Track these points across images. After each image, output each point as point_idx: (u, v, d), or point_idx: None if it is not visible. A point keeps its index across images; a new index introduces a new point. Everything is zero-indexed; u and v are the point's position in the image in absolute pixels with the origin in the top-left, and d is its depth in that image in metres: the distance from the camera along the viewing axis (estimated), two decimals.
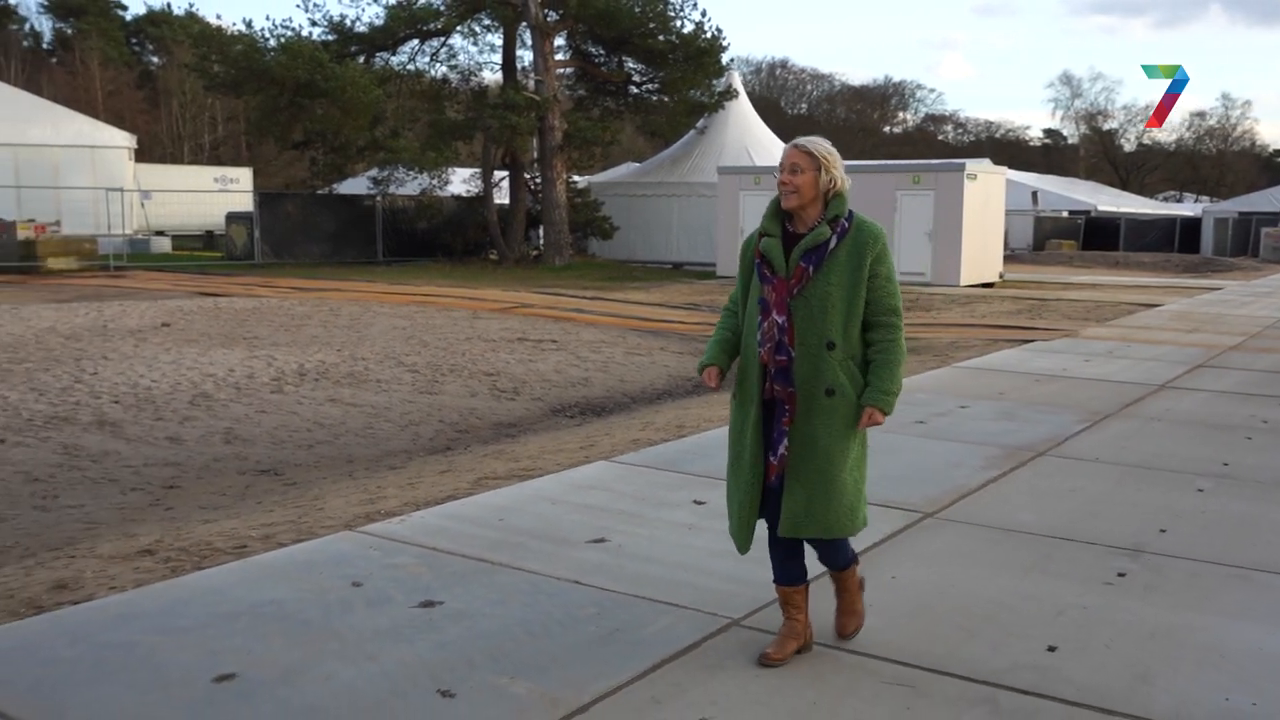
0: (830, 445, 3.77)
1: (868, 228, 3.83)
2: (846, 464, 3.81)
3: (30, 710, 3.45)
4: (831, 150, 3.85)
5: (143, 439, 8.90)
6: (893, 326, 3.84)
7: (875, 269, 3.78)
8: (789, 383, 3.78)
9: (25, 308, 17.57)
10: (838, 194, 3.82)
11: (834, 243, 3.77)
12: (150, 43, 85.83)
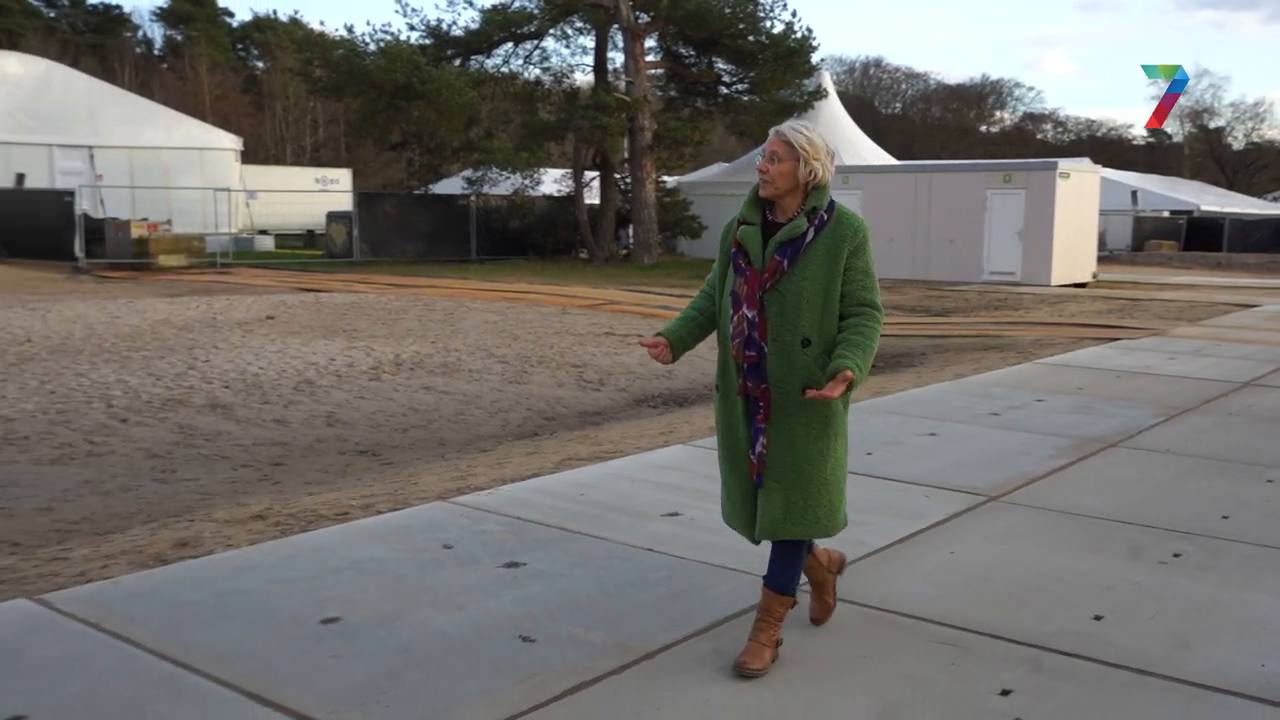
0: (809, 443, 3.68)
1: (847, 220, 3.70)
2: (828, 463, 3.71)
3: (162, 643, 3.90)
4: (814, 141, 3.69)
5: (251, 421, 9.48)
6: (869, 316, 3.67)
7: (851, 262, 3.65)
8: (761, 379, 3.67)
9: (141, 301, 18.53)
10: (818, 186, 3.69)
11: (811, 235, 3.65)
12: (255, 48, 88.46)
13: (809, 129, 3.72)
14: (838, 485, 3.78)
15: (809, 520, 3.73)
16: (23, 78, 33.61)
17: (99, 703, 3.43)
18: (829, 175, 3.70)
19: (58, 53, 64.89)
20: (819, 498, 3.72)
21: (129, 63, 76.34)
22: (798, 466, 3.69)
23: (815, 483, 3.70)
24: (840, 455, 3.78)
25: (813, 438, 3.68)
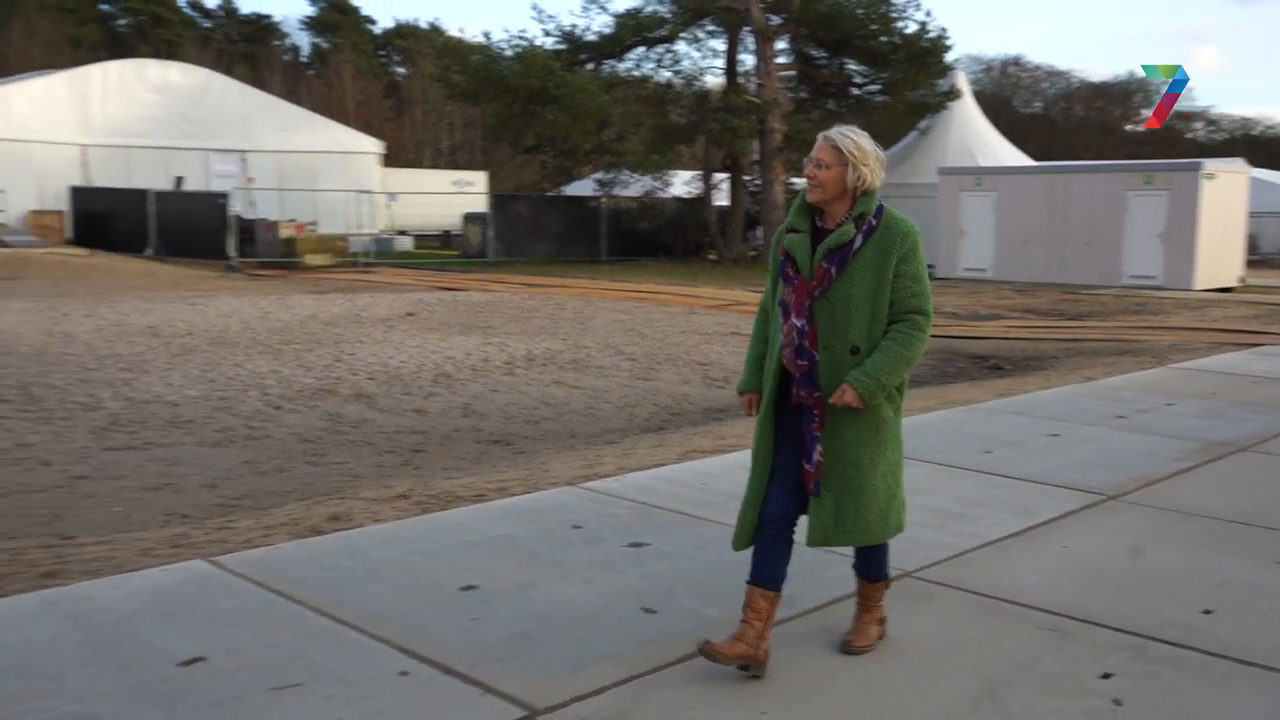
0: (860, 451, 3.67)
1: (897, 226, 3.66)
2: (878, 470, 3.71)
3: (321, 601, 4.31)
4: (862, 146, 3.65)
5: (393, 410, 10.03)
6: (913, 324, 3.64)
7: (900, 268, 3.62)
8: (814, 387, 3.65)
9: (290, 298, 19.52)
10: (866, 191, 3.65)
11: (859, 242, 3.62)
12: (397, 54, 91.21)
13: (857, 133, 3.68)
14: (889, 492, 3.76)
15: (860, 527, 3.72)
16: (182, 86, 35.50)
17: (268, 649, 3.85)
18: (878, 181, 3.67)
19: (213, 61, 68.10)
20: (870, 504, 3.70)
21: (278, 70, 79.54)
22: (848, 474, 3.68)
23: (866, 490, 3.69)
24: (892, 461, 3.77)
25: (863, 444, 3.67)
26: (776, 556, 3.74)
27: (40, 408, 9.71)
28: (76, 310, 16.81)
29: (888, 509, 3.77)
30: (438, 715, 3.40)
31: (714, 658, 3.62)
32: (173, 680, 3.60)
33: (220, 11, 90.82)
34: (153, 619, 4.10)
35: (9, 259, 25.37)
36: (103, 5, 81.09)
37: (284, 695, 3.52)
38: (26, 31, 66.58)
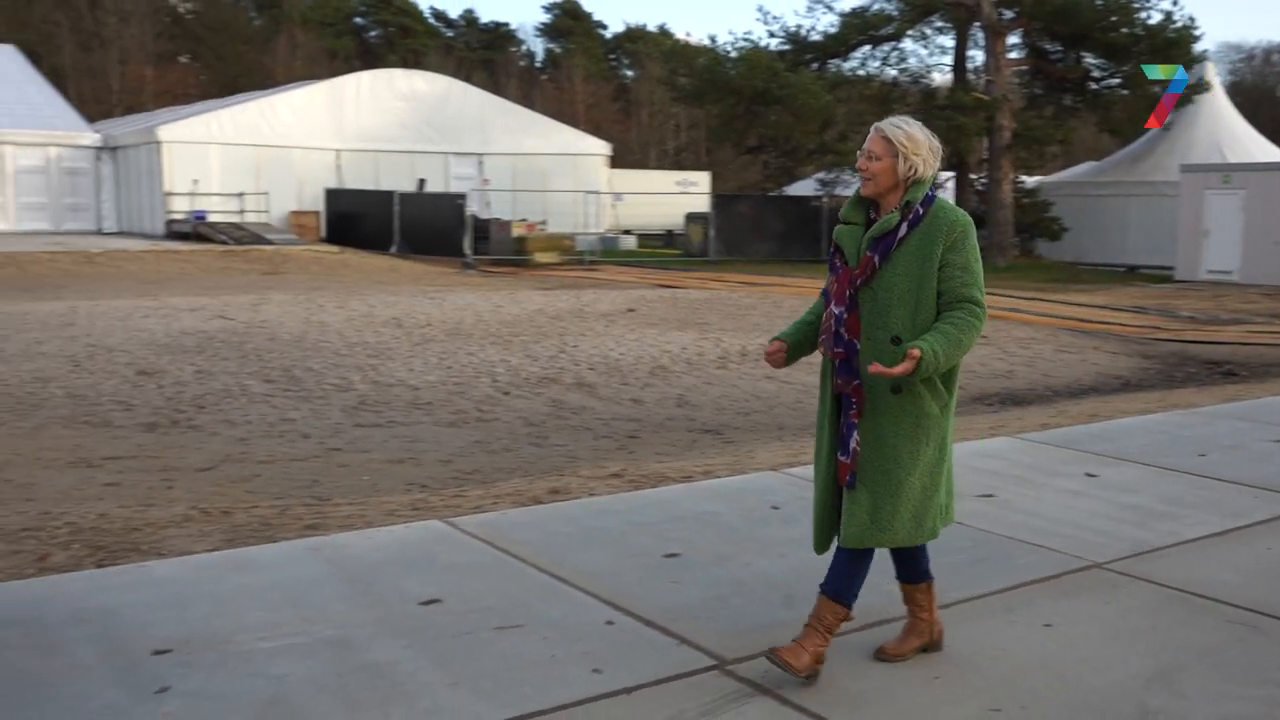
0: (898, 446, 3.56)
1: (944, 214, 3.57)
2: (916, 467, 3.59)
3: (540, 559, 4.82)
4: (914, 136, 3.56)
5: (611, 399, 10.61)
6: (968, 311, 3.52)
7: (948, 257, 3.52)
8: (851, 376, 3.58)
9: (519, 293, 20.60)
10: (917, 180, 3.57)
11: (903, 231, 3.54)
12: (626, 58, 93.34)
13: (909, 123, 3.60)
14: (925, 493, 3.64)
15: (895, 528, 3.61)
16: (426, 94, 37.69)
17: (494, 596, 4.37)
18: (930, 171, 3.59)
19: (454, 69, 71.66)
20: (905, 504, 3.60)
21: (514, 75, 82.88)
22: (885, 469, 3.58)
23: (904, 487, 3.58)
24: (931, 460, 3.63)
25: (901, 439, 3.56)
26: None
27: (300, 388, 10.79)
28: (330, 302, 18.32)
29: (923, 511, 3.65)
30: (637, 658, 3.82)
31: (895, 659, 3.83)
32: (414, 616, 4.16)
33: (462, 21, 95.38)
34: (397, 566, 4.70)
35: (272, 256, 27.71)
36: (357, 19, 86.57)
37: (507, 633, 4.01)
38: (290, 45, 71.87)
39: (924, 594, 3.91)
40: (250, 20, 79.73)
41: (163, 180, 32.25)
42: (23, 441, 8.27)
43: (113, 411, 9.56)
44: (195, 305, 17.37)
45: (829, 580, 3.75)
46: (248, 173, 33.54)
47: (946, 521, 3.80)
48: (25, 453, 7.88)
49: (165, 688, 3.53)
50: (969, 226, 3.57)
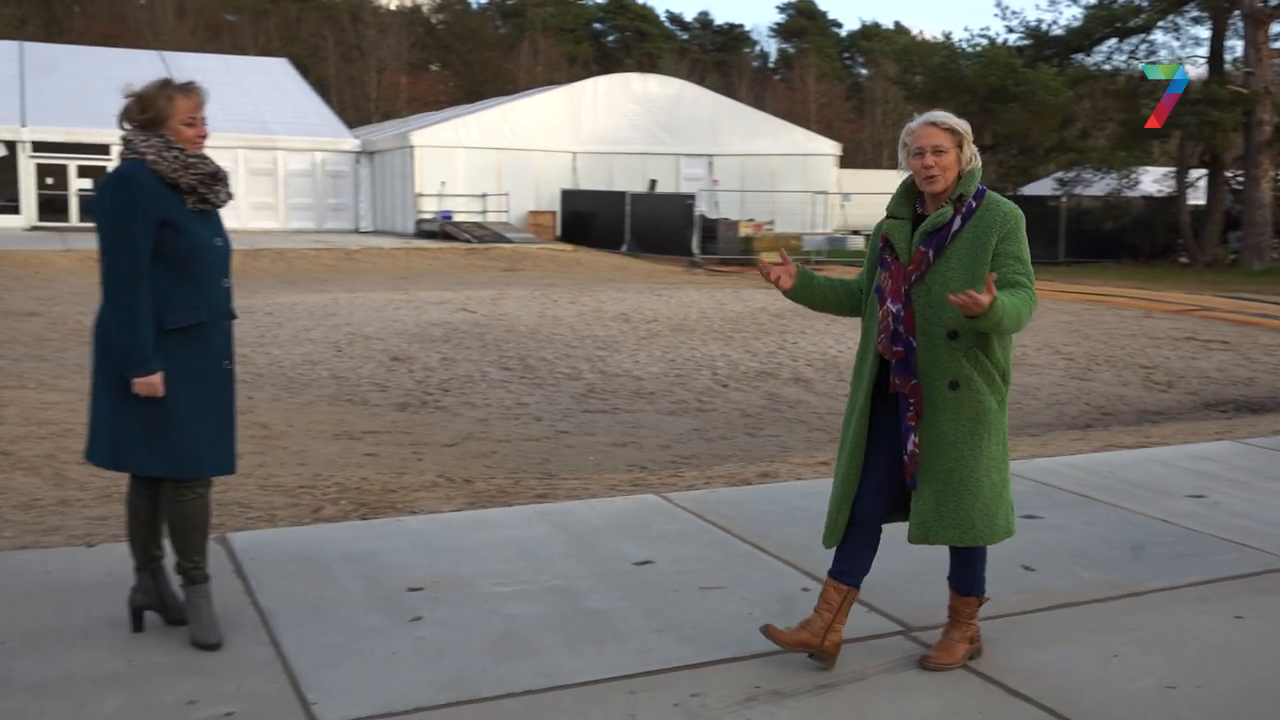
0: (959, 442, 3.50)
1: (997, 207, 3.51)
2: (980, 463, 3.52)
3: (745, 532, 5.22)
4: (966, 125, 3.56)
5: (827, 394, 10.90)
6: (1023, 287, 3.44)
7: (1001, 248, 3.46)
8: (910, 374, 3.50)
9: (743, 291, 21.04)
10: (970, 172, 3.53)
11: (957, 224, 3.50)
12: (860, 56, 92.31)
13: (945, 119, 3.56)
14: (994, 488, 3.56)
15: (963, 525, 3.55)
16: (659, 97, 38.67)
17: (700, 561, 4.80)
18: (979, 162, 3.59)
19: (688, 71, 72.87)
20: (973, 501, 3.53)
21: (746, 76, 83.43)
22: (948, 467, 3.51)
23: (968, 484, 3.51)
24: (996, 455, 3.57)
25: (963, 435, 3.50)
26: (859, 552, 3.71)
27: (534, 376, 11.58)
28: (563, 298, 19.29)
29: (994, 507, 3.57)
30: None
31: (773, 640, 3.68)
32: (628, 574, 4.64)
33: (696, 23, 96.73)
34: (615, 531, 5.20)
35: (511, 254, 29.22)
36: (595, 24, 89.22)
37: (710, 593, 4.44)
38: (532, 51, 74.88)
39: (971, 608, 3.79)
40: (496, 28, 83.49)
41: (414, 182, 34.47)
42: (296, 415, 9.31)
43: (370, 392, 10.57)
44: (441, 299, 18.69)
45: (951, 574, 3.81)
46: (490, 175, 35.38)
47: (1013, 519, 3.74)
48: (298, 425, 8.90)
49: (418, 617, 4.13)
50: (1020, 219, 3.52)
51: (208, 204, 3.78)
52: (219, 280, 3.81)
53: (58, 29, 63.37)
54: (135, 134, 3.72)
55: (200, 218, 3.76)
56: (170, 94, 3.74)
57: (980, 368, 3.51)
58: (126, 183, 3.64)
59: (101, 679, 3.57)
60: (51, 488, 6.10)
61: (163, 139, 3.69)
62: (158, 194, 3.65)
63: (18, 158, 33.43)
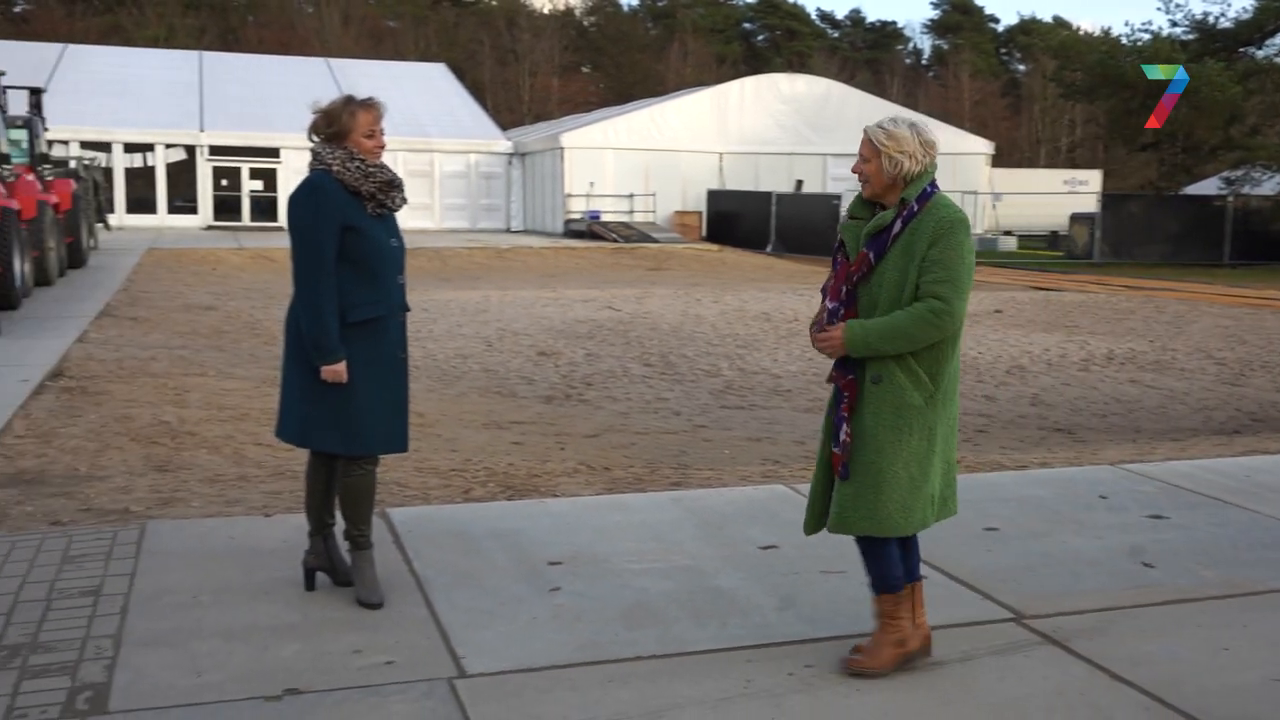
0: (879, 435, 3.60)
1: (936, 212, 3.57)
2: (899, 456, 3.60)
3: None
4: (895, 134, 3.59)
5: (964, 395, 10.90)
6: (927, 306, 3.50)
7: (929, 254, 3.53)
8: (845, 370, 3.67)
9: None
10: (919, 174, 3.60)
11: (898, 227, 3.59)
12: (1018, 51, 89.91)
13: (896, 122, 3.65)
14: (913, 482, 3.63)
15: (879, 516, 3.63)
16: (806, 97, 38.62)
17: (824, 547, 5.00)
18: (918, 166, 3.59)
19: (838, 69, 72.31)
20: (890, 493, 3.61)
21: (898, 74, 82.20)
22: (868, 459, 3.62)
23: (886, 476, 3.60)
24: (917, 450, 3.62)
25: (883, 428, 3.60)
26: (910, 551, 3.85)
27: (674, 372, 11.93)
28: (706, 297, 19.61)
29: (911, 500, 3.64)
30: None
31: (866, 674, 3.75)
32: (754, 556, 4.93)
33: (848, 21, 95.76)
34: (743, 518, 5.48)
35: (657, 253, 29.68)
36: (745, 24, 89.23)
37: (831, 576, 4.69)
38: (681, 53, 75.42)
39: (888, 605, 3.80)
40: (646, 30, 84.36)
41: (563, 183, 35.29)
42: (448, 405, 9.87)
43: (518, 385, 11.09)
44: (587, 297, 19.23)
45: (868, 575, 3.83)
46: (638, 175, 35.95)
47: (945, 514, 3.83)
48: (450, 414, 9.44)
49: (557, 588, 4.50)
50: (957, 224, 3.55)
51: (385, 209, 4.20)
52: (394, 277, 4.24)
53: (233, 38, 66.90)
54: (323, 146, 4.17)
55: (379, 221, 4.19)
56: (353, 110, 4.17)
57: (903, 364, 3.59)
58: (315, 191, 4.10)
59: (279, 629, 4.05)
60: (231, 465, 6.72)
61: (346, 151, 4.13)
62: (342, 201, 4.10)
63: (196, 161, 35.53)
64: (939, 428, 3.66)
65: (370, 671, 3.72)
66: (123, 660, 3.77)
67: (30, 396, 8.36)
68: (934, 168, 3.63)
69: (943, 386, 3.65)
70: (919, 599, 3.87)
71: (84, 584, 4.43)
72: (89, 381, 9.16)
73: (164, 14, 67.43)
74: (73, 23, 62.79)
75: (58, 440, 7.09)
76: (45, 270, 16.07)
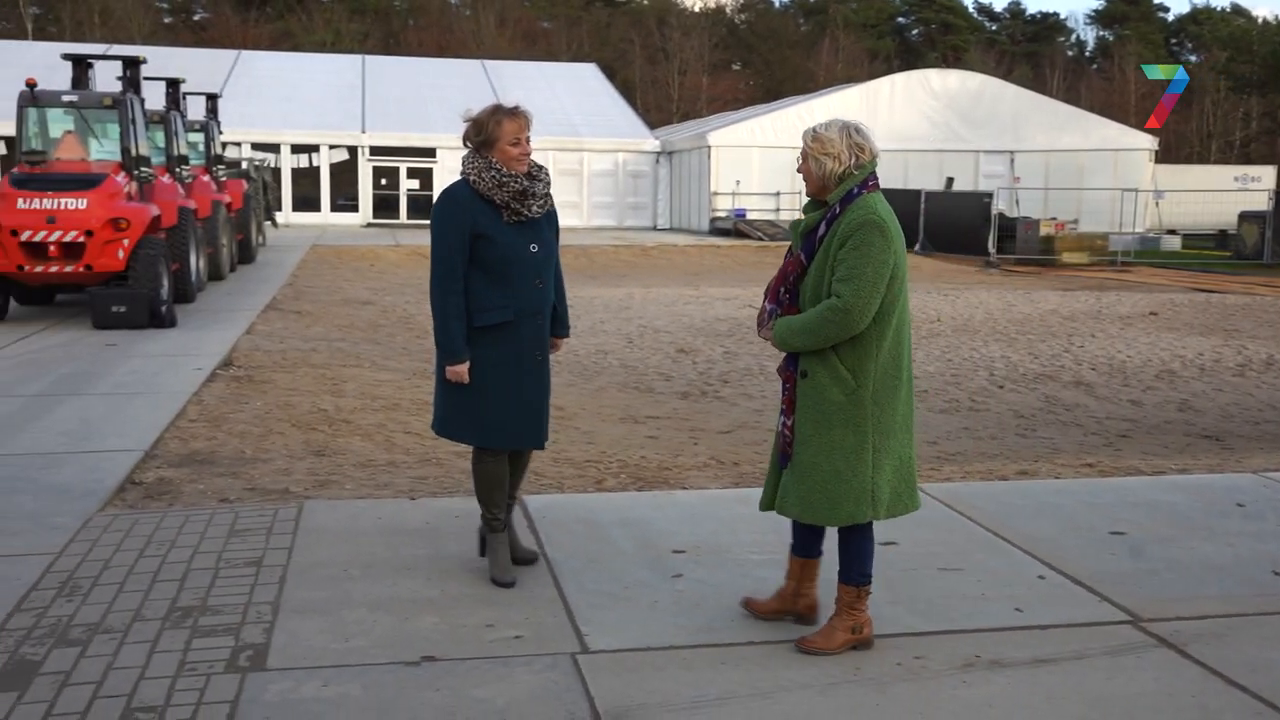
0: (804, 426, 3.83)
1: (853, 211, 3.72)
2: (821, 448, 3.79)
3: (991, 523, 5.47)
4: (821, 136, 3.77)
5: (1108, 399, 10.69)
6: (828, 305, 3.68)
7: (838, 255, 3.71)
8: (786, 364, 3.93)
9: (1036, 293, 20.51)
10: (837, 180, 3.77)
11: (822, 229, 3.79)
12: (1189, 42, 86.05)
13: (827, 125, 3.79)
14: (836, 474, 3.79)
15: (804, 503, 3.86)
16: (959, 92, 37.84)
17: (941, 545, 5.12)
18: (841, 167, 3.74)
19: (994, 63, 70.49)
20: (811, 482, 3.83)
21: (1059, 68, 79.55)
22: (797, 450, 3.87)
23: (808, 466, 3.83)
24: (843, 444, 3.79)
25: (808, 421, 3.83)
26: (798, 527, 4.13)
27: None
28: None
29: (837, 492, 3.81)
30: (1057, 606, 4.41)
31: (751, 610, 4.21)
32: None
33: (1006, 14, 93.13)
34: None
35: None
36: (899, 19, 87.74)
37: (946, 573, 4.77)
38: (833, 49, 74.68)
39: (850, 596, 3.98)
40: (798, 26, 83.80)
41: (710, 181, 35.48)
42: (587, 399, 10.18)
43: (655, 381, 11.34)
44: (729, 295, 19.38)
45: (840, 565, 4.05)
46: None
47: (899, 511, 3.93)
48: (589, 408, 9.75)
49: (679, 575, 4.71)
50: (868, 226, 3.67)
51: (521, 217, 4.43)
52: (530, 282, 4.42)
53: (394, 41, 69.26)
54: (469, 155, 4.45)
55: (516, 228, 4.40)
56: (498, 119, 4.40)
57: (825, 361, 3.77)
58: (448, 200, 4.40)
59: (419, 602, 4.37)
60: (382, 451, 7.15)
61: (485, 161, 4.39)
62: (475, 210, 4.36)
63: (358, 161, 37.02)
64: (870, 423, 3.78)
65: (500, 644, 4.00)
66: (280, 624, 4.14)
67: (203, 384, 9.01)
68: (865, 170, 3.76)
69: (870, 383, 3.76)
70: (810, 574, 4.16)
71: (247, 555, 4.86)
72: (255, 371, 9.80)
73: (331, 19, 70.29)
74: (246, 29, 66.05)
75: (226, 424, 7.65)
76: (218, 266, 17.12)
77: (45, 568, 4.70)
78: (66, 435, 7.15)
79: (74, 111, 13.23)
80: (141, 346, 10.75)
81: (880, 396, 3.79)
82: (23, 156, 12.64)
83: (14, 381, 8.94)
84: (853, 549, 3.98)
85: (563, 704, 3.56)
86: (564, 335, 4.79)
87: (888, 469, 3.84)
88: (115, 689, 3.62)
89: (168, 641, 3.98)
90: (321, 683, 3.69)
